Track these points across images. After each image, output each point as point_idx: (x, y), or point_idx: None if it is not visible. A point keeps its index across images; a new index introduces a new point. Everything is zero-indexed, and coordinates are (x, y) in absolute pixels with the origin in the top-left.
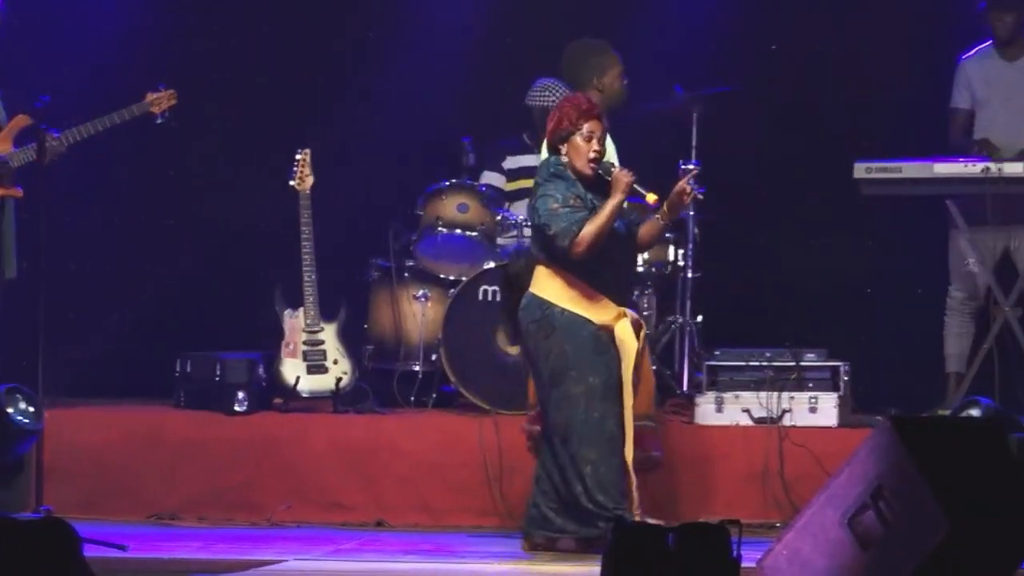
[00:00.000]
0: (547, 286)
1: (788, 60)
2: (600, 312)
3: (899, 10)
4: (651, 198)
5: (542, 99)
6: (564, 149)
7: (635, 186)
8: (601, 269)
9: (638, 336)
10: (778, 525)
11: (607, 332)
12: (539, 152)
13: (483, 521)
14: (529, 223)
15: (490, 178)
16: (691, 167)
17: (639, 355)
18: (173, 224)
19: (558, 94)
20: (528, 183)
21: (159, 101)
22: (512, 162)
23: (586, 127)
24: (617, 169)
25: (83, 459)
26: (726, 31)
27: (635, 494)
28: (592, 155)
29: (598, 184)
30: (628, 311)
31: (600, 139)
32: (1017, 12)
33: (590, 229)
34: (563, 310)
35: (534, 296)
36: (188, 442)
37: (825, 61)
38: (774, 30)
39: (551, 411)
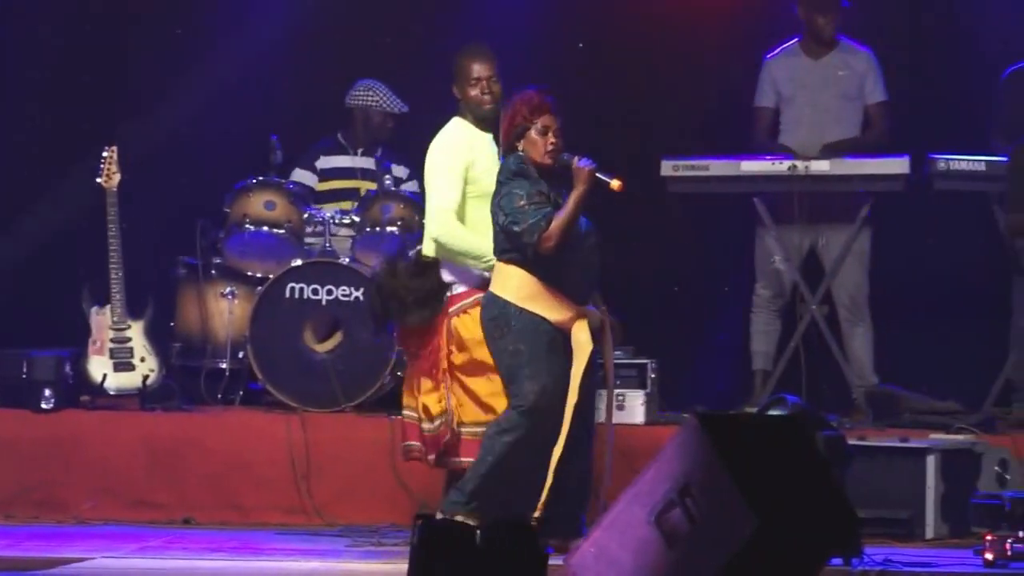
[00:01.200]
0: (505, 284)
1: (595, 58)
2: (558, 311)
3: (706, 6)
4: (615, 184)
5: (364, 100)
6: (521, 146)
7: (597, 175)
8: (562, 267)
9: (602, 335)
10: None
11: (563, 332)
12: (354, 153)
13: (290, 519)
14: (498, 222)
15: (302, 176)
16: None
17: (591, 356)
18: None
19: (379, 96)
20: (340, 184)
21: None
22: (325, 162)
23: (539, 121)
24: (576, 161)
25: None
26: (534, 30)
27: (544, 494)
28: (549, 148)
29: (560, 179)
30: (590, 310)
31: (556, 132)
32: (835, 12)
33: (558, 224)
34: (520, 309)
35: (492, 294)
36: None
37: (632, 59)
38: (582, 29)
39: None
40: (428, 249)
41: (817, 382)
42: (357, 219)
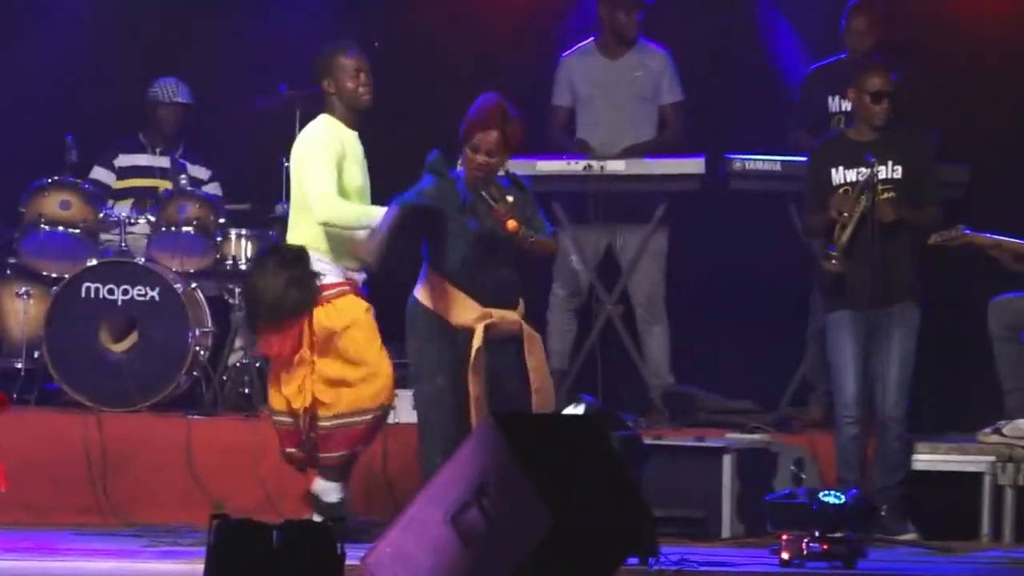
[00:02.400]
0: (421, 285)
1: (390, 57)
2: (460, 312)
3: (501, 5)
4: (510, 225)
5: (152, 94)
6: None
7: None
8: (471, 270)
9: (524, 343)
10: (381, 522)
11: (464, 333)
12: (153, 152)
13: (87, 519)
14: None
15: (100, 174)
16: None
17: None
18: None
19: (163, 88)
20: (138, 183)
21: None
22: (124, 160)
23: (475, 137)
24: (495, 204)
25: None
26: (328, 27)
27: None
28: (475, 167)
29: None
30: (496, 312)
31: (489, 150)
32: (638, 11)
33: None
34: (425, 309)
35: (412, 295)
36: None
37: (427, 57)
38: (377, 27)
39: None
40: (293, 238)
41: (613, 382)
42: (153, 219)
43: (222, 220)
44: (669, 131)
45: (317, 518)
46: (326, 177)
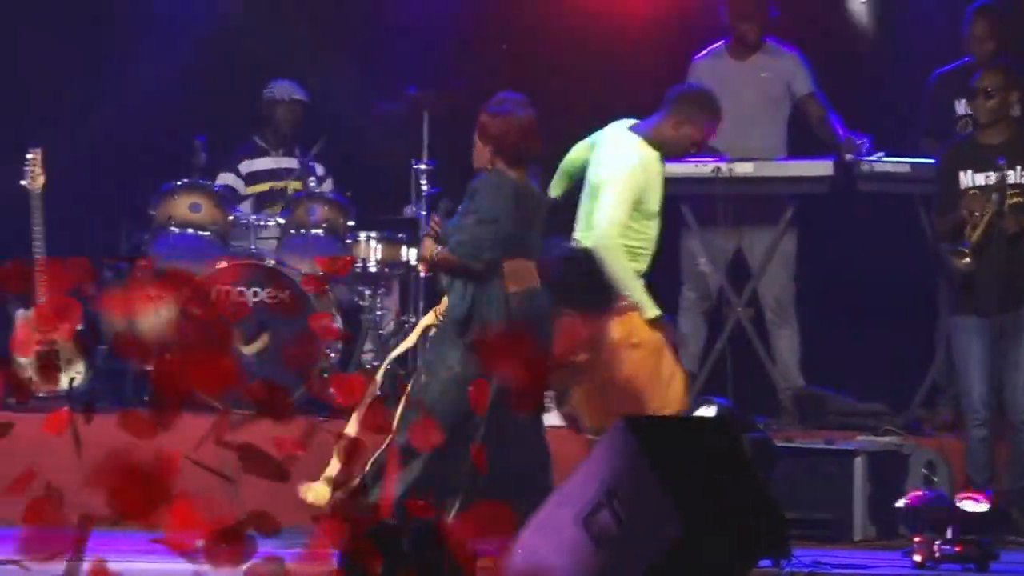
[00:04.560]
0: None
1: (522, 60)
2: None
3: (636, 9)
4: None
5: (266, 94)
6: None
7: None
8: None
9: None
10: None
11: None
12: (275, 153)
13: None
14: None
15: (227, 179)
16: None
17: None
18: None
19: (277, 88)
20: (265, 187)
21: None
22: (248, 166)
23: None
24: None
25: None
26: (457, 30)
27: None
28: None
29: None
30: None
31: None
32: (758, 21)
33: None
34: None
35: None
36: None
37: (559, 58)
38: (506, 30)
39: None
40: (587, 243)
41: (743, 384)
42: (283, 221)
43: (351, 223)
44: (818, 123)
45: None
46: (620, 208)
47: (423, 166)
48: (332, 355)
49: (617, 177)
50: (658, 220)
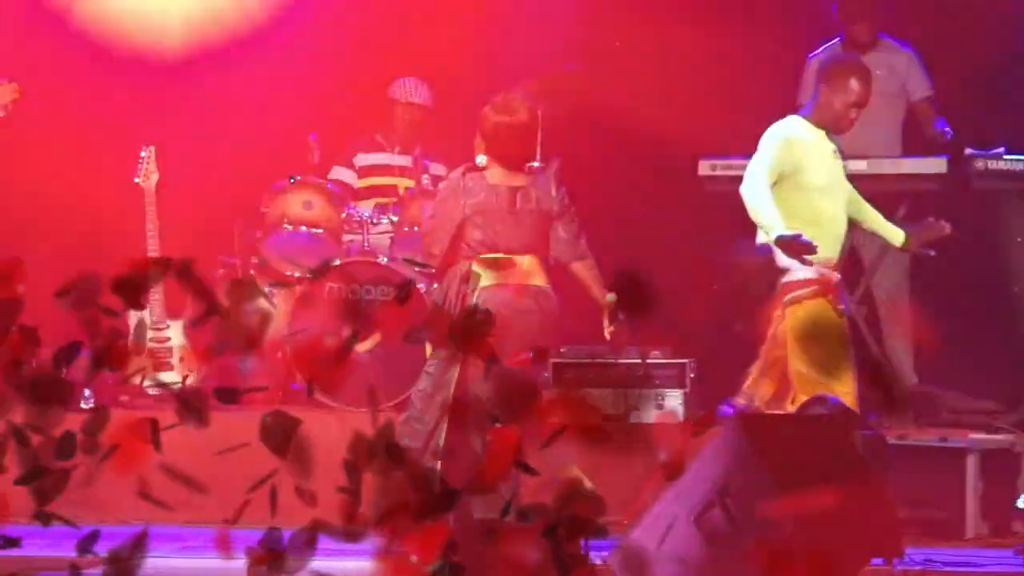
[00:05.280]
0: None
1: (637, 57)
2: None
3: (753, 5)
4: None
5: (392, 94)
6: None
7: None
8: None
9: None
10: (626, 522)
11: None
12: (392, 151)
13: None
14: None
15: (341, 173)
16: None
17: None
18: (16, 220)
19: (403, 88)
20: (378, 180)
21: (2, 94)
22: (363, 159)
23: None
24: None
25: None
26: (570, 28)
27: None
28: None
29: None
30: None
31: None
32: (869, 21)
33: None
34: None
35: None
36: None
37: (670, 58)
38: (622, 27)
39: None
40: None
41: (857, 383)
42: (395, 218)
43: None
44: (929, 128)
45: None
46: (760, 161)
47: (535, 164)
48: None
49: (762, 144)
50: (834, 198)
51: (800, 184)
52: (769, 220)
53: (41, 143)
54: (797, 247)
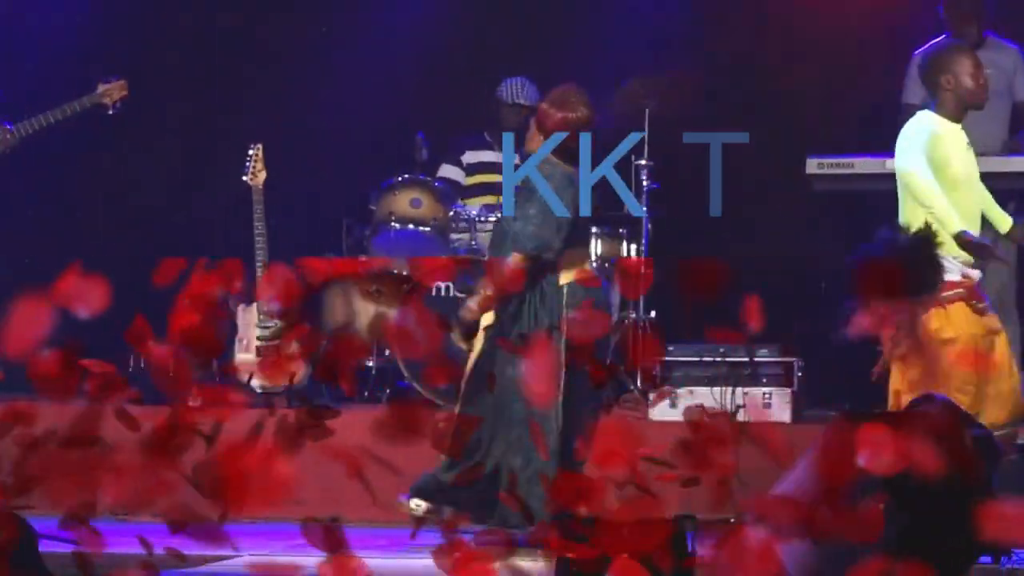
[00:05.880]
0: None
1: (744, 55)
2: None
3: (855, 4)
4: None
5: (499, 94)
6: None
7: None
8: None
9: None
10: (732, 520)
11: None
12: (500, 148)
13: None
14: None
15: (449, 171)
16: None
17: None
18: (125, 218)
19: (515, 90)
20: (486, 178)
21: (111, 92)
22: (471, 156)
23: None
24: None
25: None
26: (683, 26)
27: None
28: None
29: None
30: None
31: None
32: (975, 21)
33: None
34: None
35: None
36: None
37: (779, 56)
38: (731, 25)
39: None
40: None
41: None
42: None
43: None
44: None
45: None
46: (917, 157)
47: (643, 162)
48: None
49: (907, 141)
50: (972, 190)
51: (945, 179)
52: (947, 214)
53: (150, 141)
54: (979, 249)
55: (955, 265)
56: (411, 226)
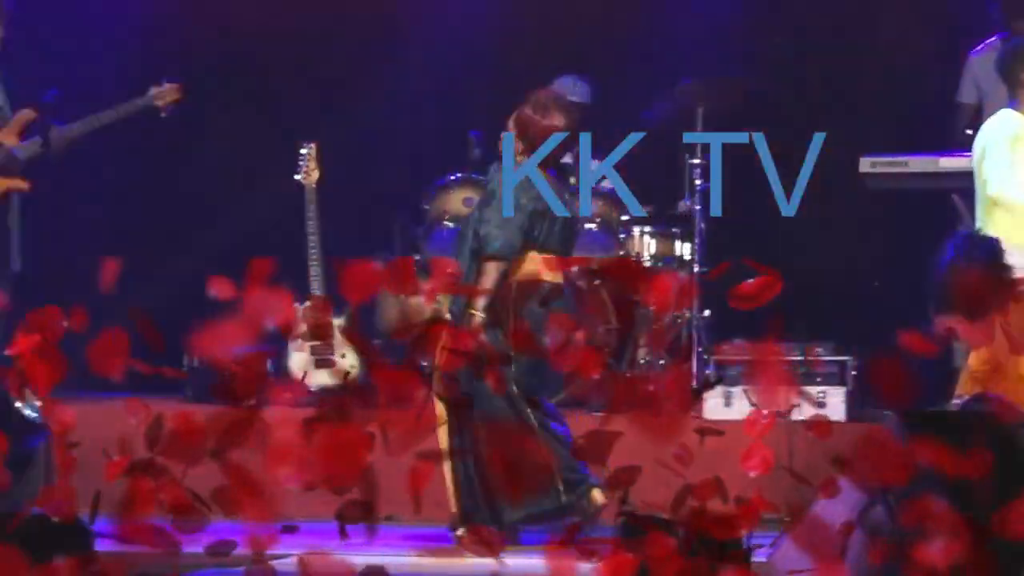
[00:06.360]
0: None
1: (795, 55)
2: None
3: (907, 3)
4: None
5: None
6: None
7: None
8: None
9: None
10: (787, 519)
11: None
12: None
13: None
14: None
15: None
16: None
17: None
18: (178, 218)
19: (566, 89)
20: None
21: (164, 95)
22: None
23: None
24: None
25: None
26: (734, 24)
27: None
28: None
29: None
30: None
31: None
32: None
33: None
34: None
35: None
36: None
37: (831, 55)
38: (780, 24)
39: None
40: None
41: None
42: None
43: (625, 217)
44: None
45: None
46: (1004, 163)
47: (696, 160)
48: (606, 351)
49: (988, 145)
50: None
51: None
52: None
53: (203, 142)
54: None
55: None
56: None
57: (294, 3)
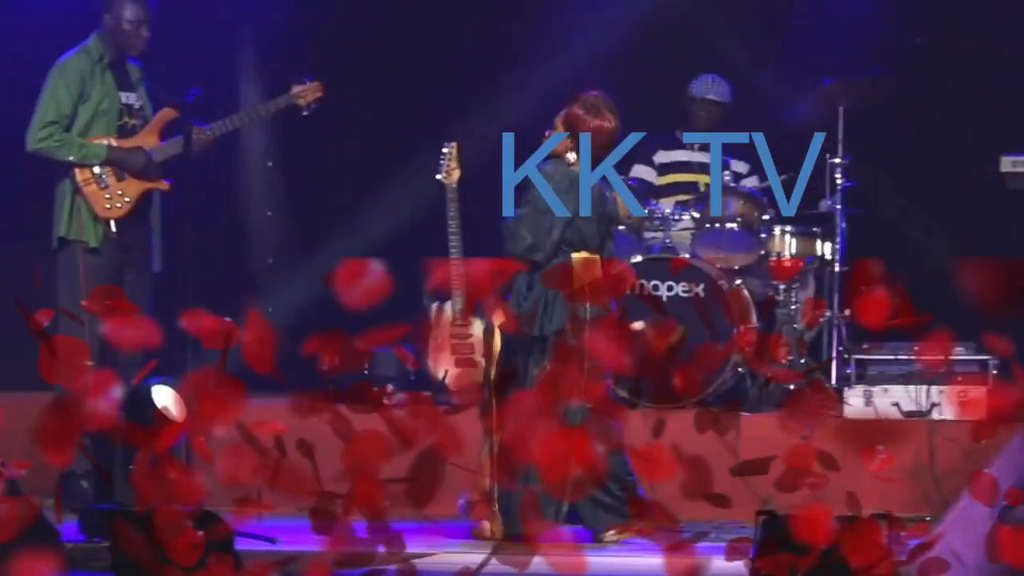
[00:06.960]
0: None
1: (935, 53)
2: None
3: None
4: None
5: (690, 91)
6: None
7: None
8: None
9: None
10: (928, 519)
11: None
12: (692, 148)
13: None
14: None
15: (641, 171)
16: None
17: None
18: (318, 218)
19: (705, 87)
20: (679, 178)
21: (305, 93)
22: (663, 156)
23: None
24: None
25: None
26: (870, 25)
27: None
28: None
29: None
30: None
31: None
32: None
33: None
34: None
35: None
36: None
37: (973, 54)
38: (920, 23)
39: None
40: None
41: None
42: (697, 215)
43: (767, 216)
44: None
45: None
46: None
47: (838, 160)
48: (747, 350)
49: None
50: None
51: None
52: None
53: (345, 141)
54: None
55: None
56: None
57: (435, 2)
